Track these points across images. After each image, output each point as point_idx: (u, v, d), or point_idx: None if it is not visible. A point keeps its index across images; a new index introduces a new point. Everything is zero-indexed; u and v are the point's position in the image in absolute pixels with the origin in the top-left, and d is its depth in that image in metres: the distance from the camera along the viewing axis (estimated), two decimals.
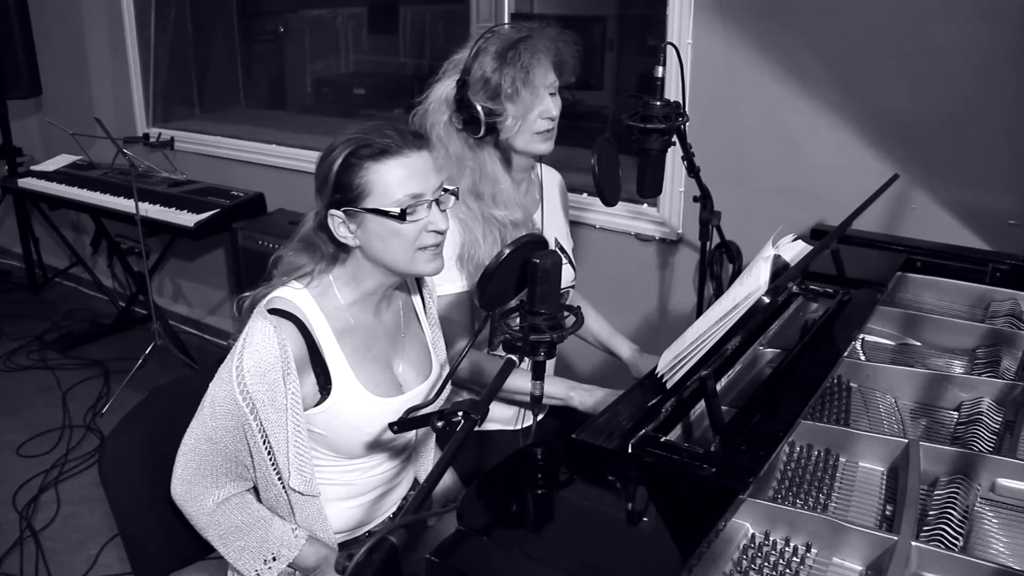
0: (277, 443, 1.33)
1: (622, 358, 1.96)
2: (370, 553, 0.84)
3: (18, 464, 2.96)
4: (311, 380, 1.36)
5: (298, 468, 1.35)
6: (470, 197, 1.66)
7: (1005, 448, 1.23)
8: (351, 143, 1.31)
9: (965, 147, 2.00)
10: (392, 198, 1.30)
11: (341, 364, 1.37)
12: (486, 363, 1.70)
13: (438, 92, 1.68)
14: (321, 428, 1.39)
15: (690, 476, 1.12)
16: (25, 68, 3.92)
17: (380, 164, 1.30)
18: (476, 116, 1.61)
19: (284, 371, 1.30)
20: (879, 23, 2.03)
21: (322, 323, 1.36)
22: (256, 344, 1.29)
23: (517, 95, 1.61)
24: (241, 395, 1.29)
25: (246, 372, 1.29)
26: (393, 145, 1.30)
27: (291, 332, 1.32)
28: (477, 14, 2.88)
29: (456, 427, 1.02)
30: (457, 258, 1.67)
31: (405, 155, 1.31)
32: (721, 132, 2.31)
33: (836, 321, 1.58)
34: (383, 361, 1.44)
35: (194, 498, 1.37)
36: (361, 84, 3.71)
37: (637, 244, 2.59)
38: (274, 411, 1.31)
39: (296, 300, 1.35)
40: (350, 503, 1.49)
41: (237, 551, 1.38)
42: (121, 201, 3.35)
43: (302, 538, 1.39)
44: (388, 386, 1.43)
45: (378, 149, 1.30)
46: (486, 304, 1.17)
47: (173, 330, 3.71)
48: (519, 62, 1.61)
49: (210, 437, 1.34)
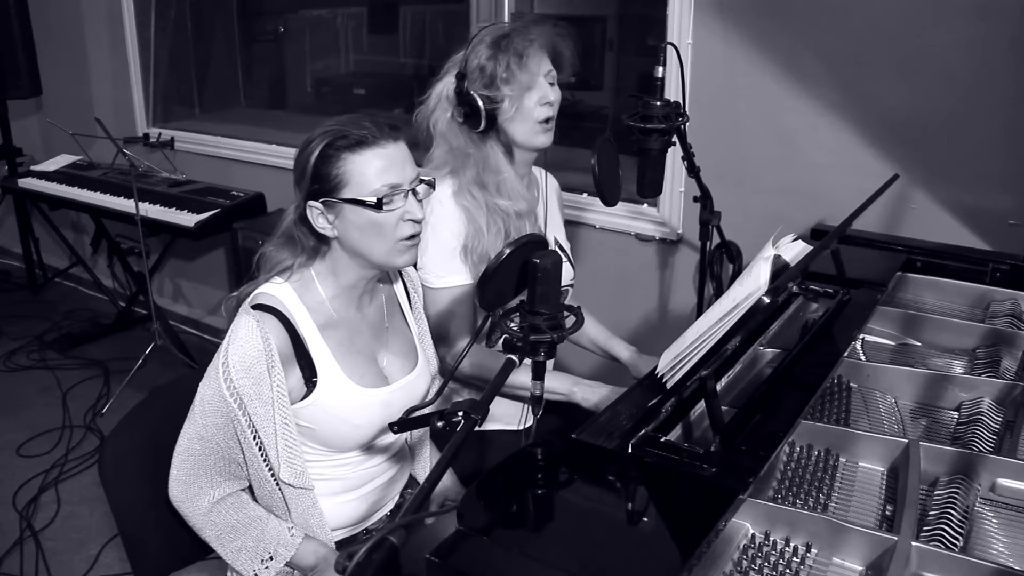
0: (266, 436, 1.34)
1: (621, 359, 1.96)
2: (370, 553, 0.83)
3: (18, 464, 2.96)
4: (296, 374, 1.37)
5: (287, 460, 1.36)
6: (475, 187, 1.67)
7: (1005, 448, 1.23)
8: (328, 134, 1.33)
9: (965, 147, 2.00)
10: (369, 188, 1.32)
11: (326, 357, 1.38)
12: (488, 359, 1.70)
13: (438, 90, 1.70)
14: (309, 422, 1.40)
15: (690, 476, 1.12)
16: (25, 68, 3.92)
17: (357, 155, 1.32)
18: (476, 107, 1.63)
19: (269, 364, 1.31)
20: (879, 23, 2.03)
21: (305, 317, 1.37)
22: (240, 340, 1.31)
23: (513, 77, 1.63)
24: (228, 391, 1.31)
25: (232, 368, 1.30)
26: (370, 136, 1.32)
27: (274, 326, 1.34)
28: (477, 14, 2.88)
29: (456, 427, 1.02)
30: (461, 249, 1.67)
31: (382, 146, 1.33)
32: (721, 132, 2.31)
33: (836, 321, 1.58)
34: (367, 354, 1.46)
35: (190, 499, 1.38)
36: (361, 84, 3.71)
37: (637, 244, 2.59)
38: (261, 405, 1.32)
39: (279, 295, 1.37)
40: (345, 497, 1.49)
41: (234, 551, 1.38)
42: (121, 201, 3.35)
43: (299, 537, 1.39)
44: (373, 377, 1.44)
45: (355, 140, 1.32)
46: (486, 304, 1.17)
47: (173, 330, 3.71)
48: (512, 47, 1.63)
49: (202, 436, 1.35)
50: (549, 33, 1.68)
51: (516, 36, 1.64)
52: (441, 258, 1.68)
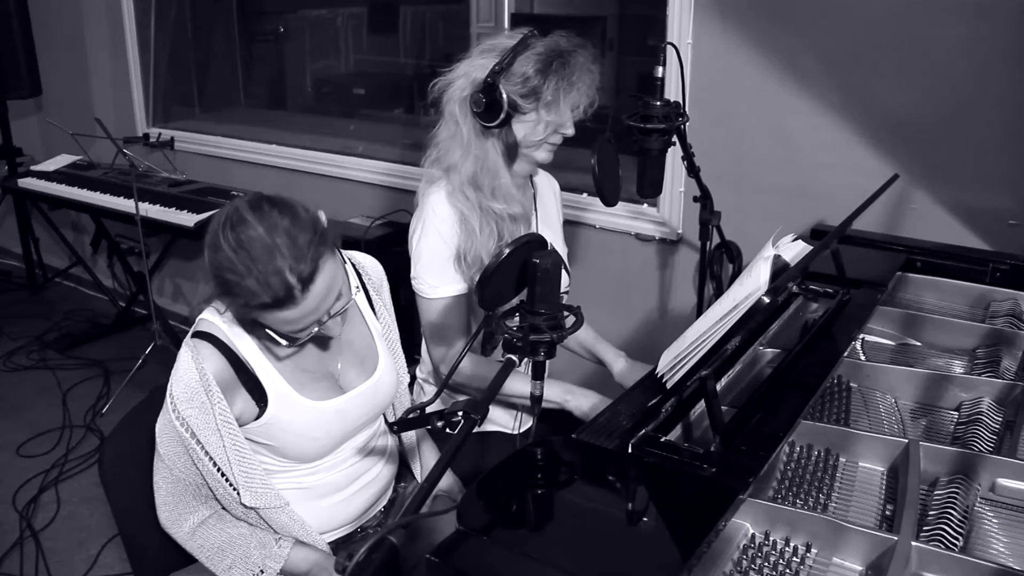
0: (222, 463, 1.34)
1: (610, 368, 1.93)
2: (370, 553, 0.84)
3: (18, 464, 2.96)
4: (244, 396, 1.35)
5: (246, 485, 1.36)
6: (469, 188, 1.64)
7: (1005, 448, 1.23)
8: (236, 293, 1.23)
9: (965, 147, 2.00)
10: (281, 331, 1.30)
11: (272, 377, 1.37)
12: (483, 369, 1.69)
13: (465, 68, 1.64)
14: (266, 439, 1.39)
15: (690, 476, 1.12)
16: (25, 68, 3.92)
17: (268, 312, 1.25)
18: (500, 105, 1.58)
19: (207, 392, 1.30)
20: (879, 23, 2.03)
21: (245, 340, 1.36)
22: (180, 371, 1.31)
23: (555, 103, 1.60)
24: (178, 422, 1.30)
25: (177, 399, 1.30)
26: (277, 302, 1.22)
27: (210, 353, 1.32)
28: (477, 14, 2.89)
29: (456, 427, 1.02)
30: (454, 259, 1.65)
31: (291, 307, 1.23)
32: (721, 132, 2.31)
33: (836, 321, 1.58)
34: (318, 368, 1.43)
35: (174, 523, 1.39)
36: (361, 84, 3.71)
37: (637, 244, 2.59)
38: (210, 433, 1.31)
39: (217, 322, 1.35)
40: (331, 500, 1.49)
41: (226, 569, 1.39)
42: (121, 201, 3.34)
43: (286, 547, 1.39)
44: (325, 390, 1.43)
45: (260, 305, 1.23)
46: (486, 304, 1.17)
47: (173, 330, 3.71)
48: (566, 73, 1.59)
49: (168, 466, 1.36)
50: (597, 75, 1.65)
51: (574, 63, 1.60)
52: (435, 268, 1.66)
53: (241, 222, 1.22)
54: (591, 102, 1.66)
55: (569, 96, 1.61)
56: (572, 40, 1.64)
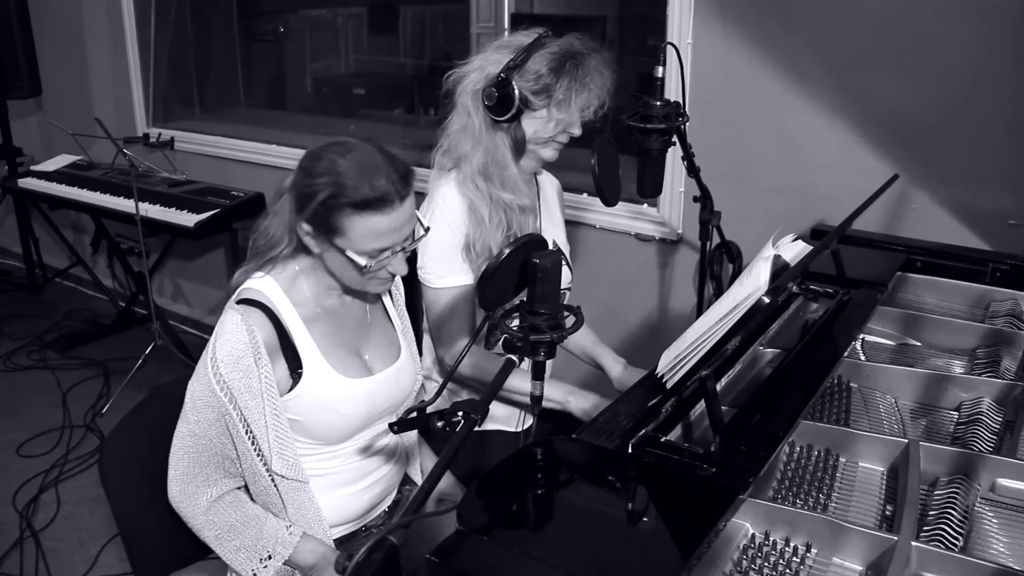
0: (258, 429, 1.35)
1: (609, 373, 1.93)
2: (370, 553, 0.83)
3: (18, 464, 2.96)
4: (283, 365, 1.38)
5: (279, 452, 1.38)
6: (479, 177, 1.67)
7: (1005, 448, 1.23)
8: (338, 185, 1.29)
9: (965, 147, 2.00)
10: (360, 247, 1.32)
11: (311, 348, 1.40)
12: (487, 362, 1.70)
13: (480, 62, 1.66)
14: (297, 414, 1.41)
15: (690, 476, 1.12)
16: (25, 68, 3.92)
17: (359, 215, 1.30)
18: (512, 98, 1.60)
19: (256, 357, 1.33)
20: (879, 23, 2.03)
21: (290, 310, 1.39)
22: (227, 334, 1.33)
23: (566, 102, 1.62)
24: (218, 385, 1.32)
25: (220, 362, 1.32)
26: (376, 201, 1.29)
27: (259, 319, 1.35)
28: (477, 14, 2.89)
29: (456, 427, 1.02)
30: (464, 248, 1.67)
31: (386, 212, 1.30)
32: (721, 132, 2.31)
33: (836, 321, 1.58)
34: (350, 347, 1.47)
35: (189, 497, 1.38)
36: (361, 84, 3.71)
37: (637, 244, 2.59)
38: (251, 397, 1.33)
39: (264, 289, 1.38)
40: (342, 492, 1.49)
41: (233, 551, 1.39)
42: (121, 201, 3.35)
43: (296, 535, 1.40)
44: (357, 369, 1.46)
45: (361, 200, 1.29)
46: (486, 304, 1.17)
47: (173, 330, 3.71)
48: (579, 74, 1.61)
49: (195, 433, 1.36)
50: (609, 79, 1.66)
51: (587, 65, 1.62)
52: (442, 258, 1.68)
53: (346, 143, 1.33)
54: (601, 104, 1.68)
55: (580, 96, 1.63)
56: (587, 43, 1.66)
